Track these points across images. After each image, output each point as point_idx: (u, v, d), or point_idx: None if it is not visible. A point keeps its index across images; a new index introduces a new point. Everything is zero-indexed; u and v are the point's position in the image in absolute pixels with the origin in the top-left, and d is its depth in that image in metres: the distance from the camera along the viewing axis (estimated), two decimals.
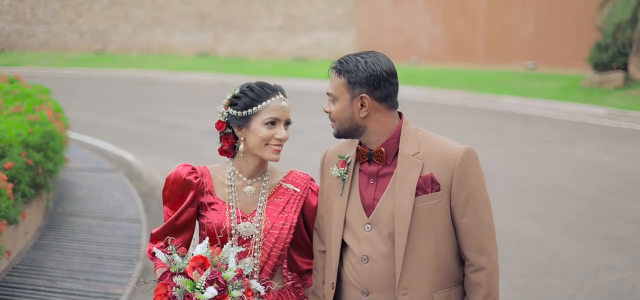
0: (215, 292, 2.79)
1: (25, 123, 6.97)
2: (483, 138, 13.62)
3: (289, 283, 3.27)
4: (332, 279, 3.03)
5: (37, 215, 7.54)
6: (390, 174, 2.91)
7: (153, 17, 31.70)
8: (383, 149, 2.91)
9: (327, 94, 2.94)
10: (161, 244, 3.03)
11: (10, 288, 6.05)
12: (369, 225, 2.92)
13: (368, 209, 2.94)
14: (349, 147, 3.05)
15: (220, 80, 24.04)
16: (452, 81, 22.54)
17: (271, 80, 3.20)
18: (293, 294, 3.23)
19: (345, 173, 2.99)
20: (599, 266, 6.96)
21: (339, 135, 2.96)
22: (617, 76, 19.37)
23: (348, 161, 3.00)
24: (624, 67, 19.68)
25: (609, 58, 19.65)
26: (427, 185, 2.84)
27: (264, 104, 3.02)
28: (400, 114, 2.97)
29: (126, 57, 30.66)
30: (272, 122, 3.02)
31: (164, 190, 3.15)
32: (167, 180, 3.14)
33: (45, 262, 6.70)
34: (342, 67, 2.88)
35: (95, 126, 14.45)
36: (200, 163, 3.21)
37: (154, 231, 3.15)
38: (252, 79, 3.14)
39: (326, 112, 2.95)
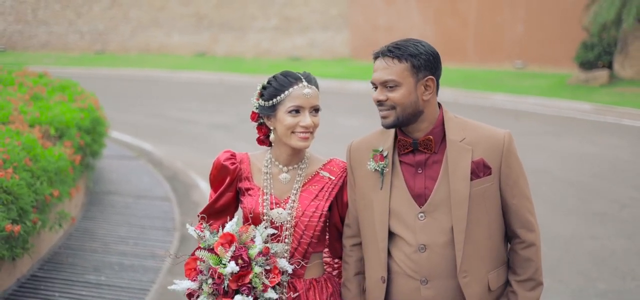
0: (236, 268, 2.86)
1: (76, 109, 7.80)
2: None
3: (332, 272, 3.32)
4: (382, 272, 3.00)
5: (82, 192, 8.35)
6: (439, 161, 2.92)
7: (151, 18, 32.24)
8: (431, 137, 2.91)
9: (380, 83, 2.88)
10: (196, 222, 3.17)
11: (72, 250, 6.94)
12: (422, 215, 2.91)
13: (419, 198, 2.92)
14: (378, 140, 3.04)
15: (220, 79, 24.69)
16: (444, 79, 22.36)
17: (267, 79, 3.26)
18: (329, 285, 3.22)
19: (385, 166, 2.96)
20: (583, 236, 7.83)
21: (397, 123, 2.89)
22: (602, 74, 19.96)
23: (385, 154, 2.98)
24: (609, 66, 20.33)
25: (595, 57, 20.24)
26: (479, 170, 2.88)
27: (286, 93, 3.05)
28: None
29: (125, 57, 31.24)
30: (296, 110, 3.03)
31: (210, 173, 3.26)
32: (212, 164, 3.25)
33: (96, 230, 7.58)
34: (403, 52, 2.84)
35: (109, 120, 14.98)
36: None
37: (201, 212, 3.25)
38: (249, 78, 3.37)
39: (380, 101, 2.89)
